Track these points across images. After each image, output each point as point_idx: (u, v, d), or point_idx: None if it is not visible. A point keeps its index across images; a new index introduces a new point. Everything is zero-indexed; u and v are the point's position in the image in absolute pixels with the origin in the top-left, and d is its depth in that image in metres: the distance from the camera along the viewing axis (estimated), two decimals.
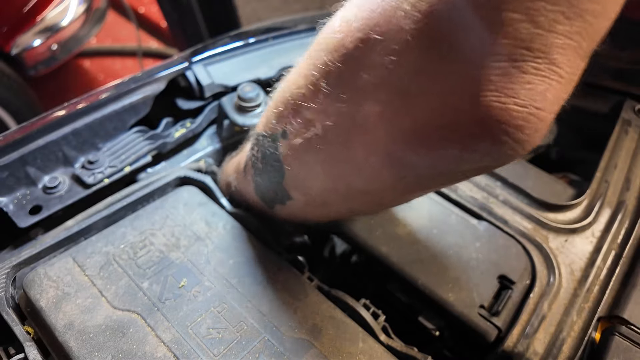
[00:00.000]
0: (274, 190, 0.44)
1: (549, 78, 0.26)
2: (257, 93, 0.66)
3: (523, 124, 0.26)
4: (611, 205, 0.60)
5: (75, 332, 0.41)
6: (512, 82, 0.25)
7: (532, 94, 0.26)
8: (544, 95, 0.26)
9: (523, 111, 0.26)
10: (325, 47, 0.33)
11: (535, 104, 0.26)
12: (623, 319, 0.47)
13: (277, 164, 0.41)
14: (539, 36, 0.24)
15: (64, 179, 0.58)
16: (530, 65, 0.25)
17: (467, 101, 0.26)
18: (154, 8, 2.35)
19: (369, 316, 0.44)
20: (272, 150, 0.41)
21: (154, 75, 0.66)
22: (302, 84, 0.36)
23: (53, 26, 1.56)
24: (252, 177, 0.47)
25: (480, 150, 0.28)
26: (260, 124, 0.44)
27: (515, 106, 0.26)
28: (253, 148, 0.45)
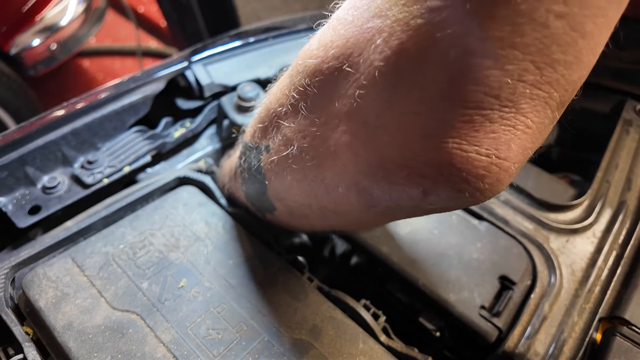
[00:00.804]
0: (260, 200, 0.45)
1: (515, 128, 0.25)
2: (256, 93, 0.66)
3: (484, 173, 0.26)
4: (612, 205, 0.60)
5: (75, 332, 0.40)
6: (475, 130, 0.25)
7: (495, 144, 0.25)
8: (509, 145, 0.25)
9: (485, 160, 0.25)
10: (303, 69, 0.33)
11: (499, 154, 0.25)
12: (624, 320, 0.47)
13: (260, 177, 0.42)
14: (507, 85, 0.23)
15: (63, 179, 0.58)
16: (496, 114, 0.24)
17: (428, 145, 0.26)
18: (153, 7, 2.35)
19: (369, 317, 0.44)
20: (256, 162, 0.41)
21: (154, 75, 0.65)
22: (284, 102, 0.36)
23: (52, 26, 1.56)
24: (241, 185, 0.48)
25: (440, 195, 0.28)
26: (247, 133, 0.44)
27: (477, 155, 0.25)
28: (241, 157, 0.45)
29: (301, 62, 0.34)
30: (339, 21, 0.30)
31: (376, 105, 0.28)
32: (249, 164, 0.43)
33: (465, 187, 0.26)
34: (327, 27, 0.32)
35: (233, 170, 0.51)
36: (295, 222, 0.45)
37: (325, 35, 0.32)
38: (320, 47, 0.32)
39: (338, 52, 0.30)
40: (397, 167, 0.28)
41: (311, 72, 0.33)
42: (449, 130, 0.25)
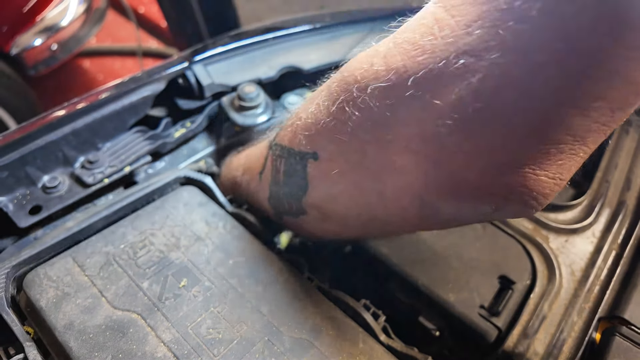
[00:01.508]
0: (290, 204, 0.44)
1: (577, 155, 0.28)
2: (257, 93, 0.66)
3: (549, 192, 0.29)
4: (612, 205, 0.60)
5: (75, 332, 0.40)
6: (548, 160, 0.28)
7: (561, 169, 0.29)
8: (570, 169, 0.29)
9: (551, 182, 0.29)
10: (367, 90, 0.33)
11: (562, 177, 0.29)
12: (624, 320, 0.47)
13: (303, 182, 0.41)
14: (584, 126, 0.27)
15: (64, 178, 0.58)
16: (568, 147, 0.28)
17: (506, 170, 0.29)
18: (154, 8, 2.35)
19: (369, 316, 0.44)
20: (300, 168, 0.41)
21: (154, 75, 0.65)
22: (339, 117, 0.36)
23: (53, 26, 1.56)
24: (269, 186, 0.47)
25: (508, 210, 0.31)
26: (284, 136, 0.43)
27: (545, 178, 0.29)
28: (276, 159, 0.44)
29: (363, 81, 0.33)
30: (414, 46, 0.30)
31: (458, 136, 0.29)
32: (289, 168, 0.42)
33: (532, 202, 0.30)
34: (395, 49, 0.31)
35: (258, 168, 0.49)
36: (326, 227, 0.45)
37: (395, 58, 0.31)
38: (391, 71, 0.31)
39: (416, 80, 0.30)
40: (470, 187, 0.30)
41: (379, 94, 0.32)
42: (526, 159, 0.28)
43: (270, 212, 0.50)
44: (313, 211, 0.43)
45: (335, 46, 0.74)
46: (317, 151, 0.39)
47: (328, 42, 0.75)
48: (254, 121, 0.66)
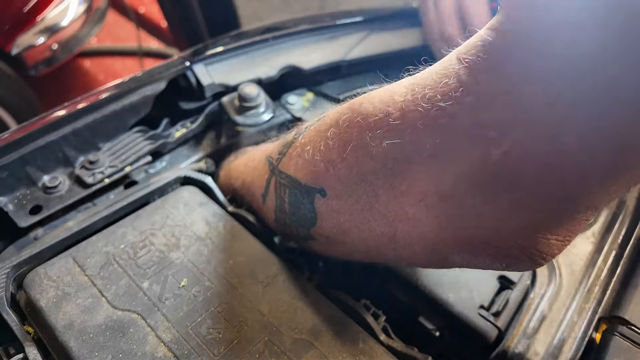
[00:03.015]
0: (299, 230, 0.44)
1: (587, 219, 0.29)
2: (257, 93, 0.66)
3: (557, 252, 0.31)
4: (612, 205, 0.60)
5: (76, 332, 0.41)
6: (562, 226, 0.29)
7: (571, 232, 0.30)
8: (577, 230, 0.30)
9: (560, 245, 0.30)
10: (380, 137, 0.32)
11: (570, 239, 0.30)
12: (624, 320, 0.47)
13: (311, 215, 0.40)
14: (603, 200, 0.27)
15: (64, 178, 0.58)
16: (581, 216, 0.28)
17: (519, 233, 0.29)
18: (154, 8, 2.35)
19: (369, 316, 0.44)
20: (307, 202, 0.40)
21: (154, 75, 0.65)
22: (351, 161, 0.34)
23: (53, 26, 1.56)
24: (274, 211, 0.46)
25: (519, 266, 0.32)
26: (289, 165, 0.41)
27: (555, 241, 0.30)
28: (280, 187, 0.43)
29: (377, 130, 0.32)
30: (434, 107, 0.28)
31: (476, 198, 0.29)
32: (294, 200, 0.41)
33: (541, 262, 0.31)
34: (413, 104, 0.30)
35: (260, 190, 0.48)
36: (332, 250, 0.44)
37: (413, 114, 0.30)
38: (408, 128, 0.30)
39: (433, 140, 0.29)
40: (483, 245, 0.31)
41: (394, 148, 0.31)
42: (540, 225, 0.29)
43: (276, 231, 0.50)
44: (321, 238, 0.42)
45: (335, 46, 0.74)
46: (325, 188, 0.37)
47: (328, 42, 0.75)
48: (254, 121, 0.66)
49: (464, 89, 0.27)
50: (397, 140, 0.31)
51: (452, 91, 0.28)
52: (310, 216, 0.41)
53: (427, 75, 0.30)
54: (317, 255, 0.48)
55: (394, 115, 0.31)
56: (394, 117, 0.31)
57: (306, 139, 0.40)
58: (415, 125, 0.30)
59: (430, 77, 0.30)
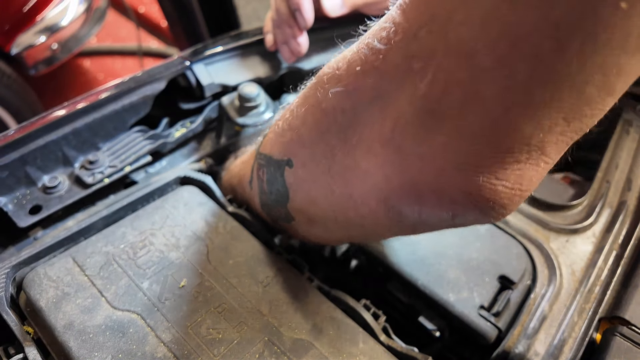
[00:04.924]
0: (279, 211, 0.45)
1: (537, 165, 0.28)
2: (257, 93, 0.66)
3: (507, 202, 0.29)
4: (612, 205, 0.60)
5: (75, 332, 0.40)
6: (504, 169, 0.28)
7: (520, 179, 0.28)
8: (530, 179, 0.29)
9: (509, 192, 0.29)
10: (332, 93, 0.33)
11: (521, 187, 0.29)
12: (624, 320, 0.47)
13: (283, 189, 0.42)
14: (537, 134, 0.26)
15: (64, 178, 0.58)
16: (524, 156, 0.27)
17: (461, 176, 0.28)
18: (154, 7, 2.35)
19: (369, 316, 0.44)
20: (279, 176, 0.41)
21: (154, 75, 0.65)
22: (309, 122, 0.37)
23: (53, 25, 1.56)
24: (258, 194, 0.48)
25: (467, 217, 0.31)
26: (266, 143, 0.44)
27: (503, 188, 0.28)
28: (260, 168, 0.45)
29: (327, 85, 0.34)
30: (372, 51, 0.30)
31: (413, 137, 0.29)
32: (270, 177, 0.43)
33: (490, 212, 0.30)
34: (357, 53, 0.31)
35: (247, 177, 0.50)
36: (313, 232, 0.45)
37: (355, 63, 0.31)
38: (351, 75, 0.32)
39: (372, 83, 0.30)
40: (429, 191, 0.30)
41: (341, 99, 0.33)
42: (481, 167, 0.28)
43: (266, 219, 0.51)
44: (299, 216, 0.44)
45: (335, 46, 0.74)
46: (291, 158, 0.39)
47: (328, 42, 0.75)
48: (254, 121, 0.66)
49: (395, 29, 0.28)
50: (340, 88, 0.32)
51: (386, 33, 0.29)
52: (283, 191, 0.42)
53: (372, 25, 0.32)
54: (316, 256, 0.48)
55: (342, 68, 0.33)
56: (340, 70, 0.33)
57: (280, 115, 0.42)
58: (356, 71, 0.31)
59: (373, 27, 0.31)
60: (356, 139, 0.33)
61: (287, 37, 0.66)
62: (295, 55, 0.68)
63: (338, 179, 0.36)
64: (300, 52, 0.67)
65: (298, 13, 0.62)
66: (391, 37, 0.29)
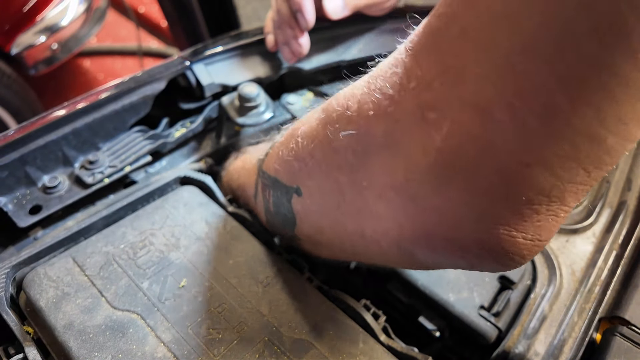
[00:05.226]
0: (285, 231, 0.45)
1: (557, 216, 0.27)
2: (257, 93, 0.66)
3: (527, 254, 0.28)
4: (612, 205, 0.60)
5: (75, 332, 0.40)
6: (524, 221, 0.27)
7: (540, 230, 0.27)
8: (549, 229, 0.28)
9: (529, 244, 0.28)
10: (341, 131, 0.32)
11: (540, 238, 0.28)
12: (624, 320, 0.47)
13: (290, 215, 0.41)
14: (557, 186, 0.25)
15: (64, 178, 0.58)
16: (544, 208, 0.26)
17: (479, 228, 0.28)
18: (154, 7, 2.35)
19: (369, 317, 0.44)
20: (286, 202, 0.41)
21: (154, 75, 0.65)
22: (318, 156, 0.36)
23: (53, 25, 1.56)
24: (264, 212, 0.47)
25: (484, 266, 0.30)
26: (269, 165, 0.42)
27: (522, 240, 0.27)
28: (266, 189, 0.44)
29: (338, 125, 0.33)
30: (384, 97, 0.29)
31: (428, 188, 0.28)
32: (276, 200, 0.42)
33: (509, 262, 0.29)
34: (368, 96, 0.31)
35: (251, 189, 0.50)
36: (318, 252, 0.45)
37: (367, 106, 0.30)
38: (362, 119, 0.31)
39: (384, 130, 0.29)
40: (445, 241, 0.29)
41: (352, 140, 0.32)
42: (500, 219, 0.27)
43: (269, 229, 0.51)
44: (305, 238, 0.43)
45: (335, 46, 0.74)
46: (300, 186, 0.39)
47: (328, 42, 0.75)
48: (254, 121, 0.66)
49: (408, 75, 0.28)
50: (352, 131, 0.31)
51: (398, 79, 0.28)
52: (289, 216, 0.42)
53: (381, 66, 0.31)
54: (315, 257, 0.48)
55: (352, 108, 0.32)
56: (351, 110, 0.32)
57: (284, 138, 0.41)
58: (368, 115, 0.30)
59: (383, 68, 0.30)
60: (367, 182, 0.32)
61: (288, 38, 0.66)
62: (297, 56, 0.68)
63: (349, 217, 0.35)
64: (301, 53, 0.67)
65: (299, 14, 0.62)
66: (404, 84, 0.28)
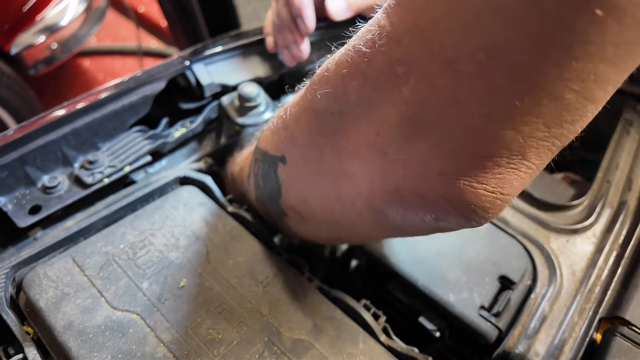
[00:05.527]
0: (273, 205, 0.46)
1: (519, 170, 0.28)
2: (257, 92, 0.66)
3: (489, 206, 0.29)
4: (612, 205, 0.60)
5: (75, 332, 0.40)
6: (485, 172, 0.28)
7: (501, 183, 0.28)
8: (512, 183, 0.29)
9: (490, 196, 0.29)
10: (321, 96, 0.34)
11: (502, 191, 0.29)
12: (624, 320, 0.47)
13: (276, 185, 0.42)
14: (517, 140, 0.26)
15: (64, 178, 0.58)
16: (504, 161, 0.27)
17: (443, 180, 0.29)
18: (154, 7, 2.35)
19: (369, 317, 0.44)
20: (272, 172, 0.42)
21: (154, 75, 0.65)
22: (301, 121, 0.37)
23: (53, 25, 1.56)
24: (253, 189, 0.49)
25: (450, 221, 0.31)
26: (263, 139, 0.44)
27: (484, 192, 0.28)
28: (256, 162, 0.46)
29: (317, 86, 0.34)
30: (357, 54, 0.30)
31: (396, 143, 0.30)
32: (264, 172, 0.44)
33: (473, 216, 0.30)
34: (344, 55, 0.32)
35: (245, 172, 0.51)
36: (304, 229, 0.46)
37: (342, 65, 0.31)
38: (338, 78, 0.32)
39: (357, 87, 0.31)
40: (412, 195, 0.31)
41: (330, 101, 0.33)
42: (462, 171, 0.28)
43: (261, 213, 0.52)
44: (291, 212, 0.44)
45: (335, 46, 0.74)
46: (285, 155, 0.40)
47: (328, 42, 0.75)
48: (254, 121, 0.66)
49: (380, 33, 0.28)
50: (328, 90, 0.33)
51: (372, 36, 0.29)
52: (275, 186, 0.43)
53: (360, 28, 0.32)
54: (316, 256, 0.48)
55: (331, 69, 0.33)
56: (329, 71, 0.33)
57: (277, 112, 0.43)
58: (342, 74, 0.31)
59: (361, 30, 0.31)
60: (344, 142, 0.33)
61: (288, 42, 0.66)
62: (297, 60, 0.68)
63: (327, 181, 0.37)
64: (301, 57, 0.68)
65: (300, 19, 0.62)
66: (376, 41, 0.29)
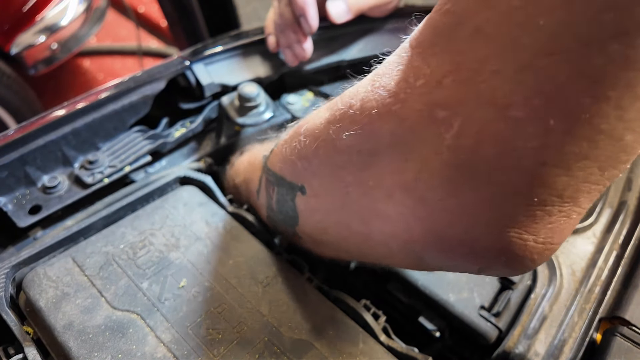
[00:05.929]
0: (286, 229, 0.45)
1: (570, 217, 0.26)
2: (257, 92, 0.66)
3: (537, 258, 0.28)
4: (612, 205, 0.60)
5: (75, 332, 0.40)
6: (535, 223, 0.26)
7: (551, 233, 0.27)
8: (562, 232, 0.27)
9: (540, 247, 0.27)
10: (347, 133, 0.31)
11: (552, 241, 0.27)
12: (624, 320, 0.47)
13: (293, 214, 0.41)
14: (571, 186, 0.25)
15: (64, 178, 0.58)
16: (556, 209, 0.26)
17: (490, 231, 0.27)
18: (154, 7, 2.35)
19: (369, 317, 0.44)
20: (289, 199, 0.40)
21: (154, 75, 0.65)
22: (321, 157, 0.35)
23: (53, 25, 1.56)
24: (266, 208, 0.47)
25: (493, 270, 0.29)
26: (274, 162, 0.42)
27: (534, 243, 0.27)
28: (270, 185, 0.43)
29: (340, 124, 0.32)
30: (389, 94, 0.28)
31: (439, 189, 0.27)
32: (280, 198, 0.42)
33: (518, 266, 0.28)
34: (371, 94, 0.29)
35: (253, 185, 0.49)
36: (320, 251, 0.45)
37: (370, 104, 0.29)
38: (365, 117, 0.30)
39: (390, 129, 0.28)
40: (455, 244, 0.29)
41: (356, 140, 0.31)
42: (512, 222, 0.26)
43: (269, 226, 0.51)
44: (306, 237, 0.43)
45: (335, 46, 0.74)
46: (304, 185, 0.38)
47: (328, 42, 0.75)
48: (254, 121, 0.66)
49: (415, 73, 0.27)
50: (355, 131, 0.30)
51: (404, 77, 0.27)
52: (292, 215, 0.41)
53: (384, 64, 0.30)
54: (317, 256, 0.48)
55: (355, 106, 0.31)
56: (354, 109, 0.31)
57: (288, 136, 0.40)
58: (371, 114, 0.29)
59: (387, 66, 0.29)
60: (373, 182, 0.31)
61: (291, 42, 0.66)
62: (299, 59, 0.68)
63: (354, 218, 0.34)
64: (304, 57, 0.67)
65: (303, 19, 0.62)
66: (410, 83, 0.27)
